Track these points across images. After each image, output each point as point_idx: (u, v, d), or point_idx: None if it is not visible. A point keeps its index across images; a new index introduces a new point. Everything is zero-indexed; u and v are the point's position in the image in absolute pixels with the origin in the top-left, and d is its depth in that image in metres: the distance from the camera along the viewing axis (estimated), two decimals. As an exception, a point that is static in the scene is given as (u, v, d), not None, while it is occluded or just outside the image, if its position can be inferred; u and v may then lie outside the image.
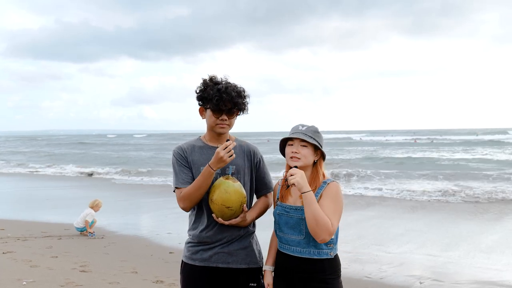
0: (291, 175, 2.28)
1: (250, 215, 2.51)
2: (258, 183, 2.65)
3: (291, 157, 2.38)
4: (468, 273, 5.69)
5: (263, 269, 2.53)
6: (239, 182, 2.44)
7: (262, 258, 2.64)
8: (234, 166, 2.54)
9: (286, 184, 2.37)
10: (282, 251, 2.43)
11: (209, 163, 2.40)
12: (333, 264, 2.38)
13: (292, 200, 2.42)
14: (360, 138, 71.32)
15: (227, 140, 2.43)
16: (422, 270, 5.83)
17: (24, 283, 5.04)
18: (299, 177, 2.27)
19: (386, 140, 61.94)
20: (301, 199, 2.35)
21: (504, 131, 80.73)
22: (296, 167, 2.35)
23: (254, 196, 2.69)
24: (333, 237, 2.34)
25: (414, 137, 67.91)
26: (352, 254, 6.43)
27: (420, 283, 5.32)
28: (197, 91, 2.55)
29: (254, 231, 2.64)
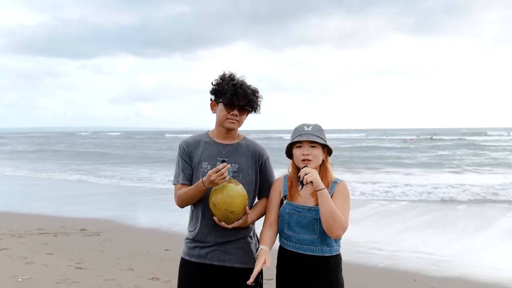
0: (306, 174, 2.27)
1: (251, 216, 2.51)
2: (261, 184, 2.63)
3: (303, 160, 2.38)
4: (461, 271, 5.73)
5: (260, 248, 2.42)
6: (241, 185, 2.42)
7: None
8: (237, 165, 2.53)
9: (299, 184, 2.34)
10: (291, 249, 2.42)
11: (202, 179, 2.39)
12: (338, 258, 2.47)
13: (302, 200, 2.42)
14: None
15: (223, 161, 2.42)
16: (416, 267, 5.86)
17: (20, 279, 5.04)
18: (316, 174, 2.29)
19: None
20: (313, 198, 2.38)
21: (483, 131, 79.82)
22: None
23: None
24: None
25: (408, 137, 64.73)
26: (347, 252, 6.43)
27: (414, 280, 5.36)
28: (213, 83, 2.55)
29: (253, 232, 2.64)
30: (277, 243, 2.54)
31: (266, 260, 2.34)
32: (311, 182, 2.26)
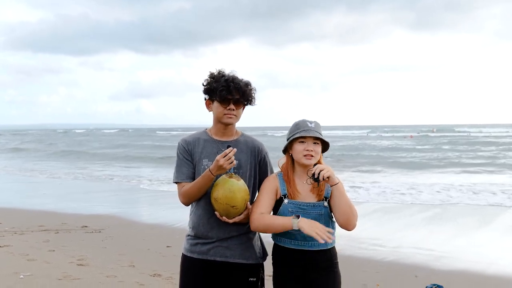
0: (321, 170, 2.27)
1: None
2: (261, 179, 2.63)
3: (305, 155, 2.39)
4: (462, 267, 5.74)
5: (296, 220, 2.31)
6: (242, 180, 2.43)
7: (263, 255, 2.64)
8: (237, 161, 2.52)
9: (313, 181, 2.30)
10: (296, 248, 2.42)
11: (210, 168, 2.39)
12: (335, 250, 2.52)
13: (302, 197, 2.43)
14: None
15: (228, 147, 2.41)
16: (417, 263, 5.87)
17: (21, 276, 5.06)
18: (331, 169, 2.30)
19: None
20: (313, 194, 2.41)
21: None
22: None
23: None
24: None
25: (408, 134, 64.56)
26: (349, 247, 6.45)
27: (416, 276, 5.36)
28: (204, 84, 2.57)
29: None
30: (270, 244, 2.54)
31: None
32: (328, 177, 2.28)
